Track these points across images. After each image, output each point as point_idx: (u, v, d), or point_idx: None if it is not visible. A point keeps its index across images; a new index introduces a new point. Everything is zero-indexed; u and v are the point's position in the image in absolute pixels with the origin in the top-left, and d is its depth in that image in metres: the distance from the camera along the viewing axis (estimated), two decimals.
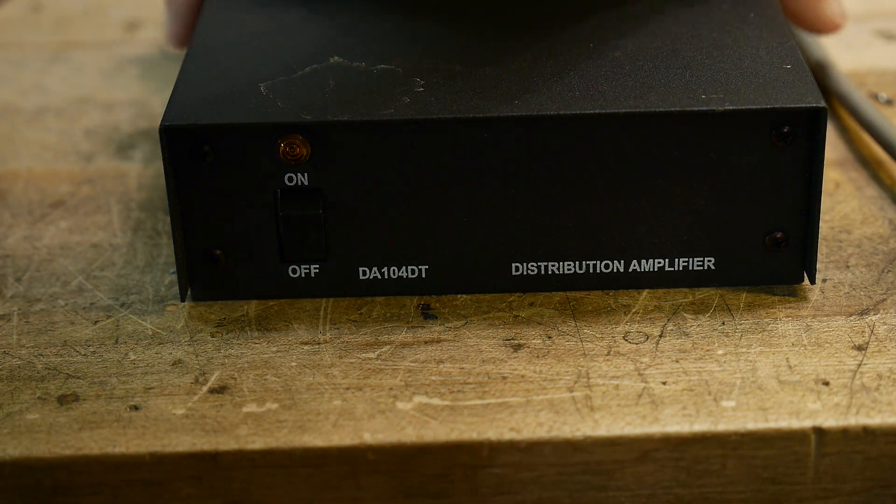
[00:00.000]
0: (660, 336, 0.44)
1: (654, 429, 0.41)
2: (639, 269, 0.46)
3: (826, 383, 0.42)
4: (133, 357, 0.44)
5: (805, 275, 0.46)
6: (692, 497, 0.41)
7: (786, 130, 0.43)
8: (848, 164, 0.53)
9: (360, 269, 0.46)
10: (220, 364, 0.44)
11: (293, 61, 0.47)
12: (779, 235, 0.45)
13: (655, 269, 0.46)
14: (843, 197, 0.51)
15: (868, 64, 0.60)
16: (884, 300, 0.45)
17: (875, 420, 0.41)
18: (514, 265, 0.46)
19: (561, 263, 0.46)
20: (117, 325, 0.46)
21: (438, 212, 0.45)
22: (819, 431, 0.41)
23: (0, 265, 0.49)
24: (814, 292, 0.46)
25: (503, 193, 0.45)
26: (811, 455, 0.41)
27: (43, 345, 0.45)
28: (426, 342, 0.44)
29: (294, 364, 0.44)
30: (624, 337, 0.44)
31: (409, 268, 0.46)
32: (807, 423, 0.41)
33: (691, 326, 0.45)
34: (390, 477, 0.41)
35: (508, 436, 0.41)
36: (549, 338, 0.44)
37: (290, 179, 0.44)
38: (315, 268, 0.46)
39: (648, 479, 0.41)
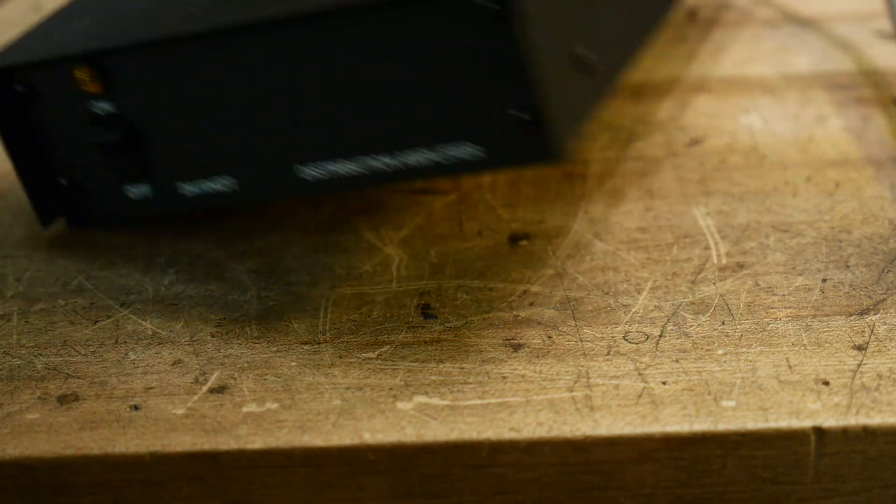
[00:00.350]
0: (660, 336, 0.44)
1: (654, 429, 0.41)
2: (409, 162, 0.45)
3: (826, 383, 0.42)
4: (133, 357, 0.44)
5: (555, 150, 0.43)
6: (692, 497, 0.41)
7: (480, 3, 0.42)
8: (848, 164, 0.53)
9: (182, 185, 0.48)
10: (220, 364, 0.44)
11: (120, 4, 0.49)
12: (515, 113, 0.43)
13: (425, 161, 0.45)
14: (843, 197, 0.51)
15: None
16: (884, 300, 0.45)
17: (875, 420, 0.41)
18: (299, 168, 0.46)
19: (341, 162, 0.46)
20: (117, 325, 0.46)
21: (226, 123, 0.46)
22: (819, 431, 0.40)
23: (0, 265, 0.49)
24: (814, 292, 0.46)
25: (272, 100, 0.45)
26: (811, 455, 0.41)
27: (43, 345, 0.45)
28: (426, 342, 0.44)
29: (294, 364, 0.44)
30: (624, 337, 0.44)
31: (221, 181, 0.47)
32: (807, 423, 0.41)
33: (691, 326, 0.44)
34: (390, 477, 0.41)
35: (508, 436, 0.41)
36: (549, 338, 0.44)
37: (94, 108, 0.47)
38: (146, 187, 0.48)
39: (648, 479, 0.41)
